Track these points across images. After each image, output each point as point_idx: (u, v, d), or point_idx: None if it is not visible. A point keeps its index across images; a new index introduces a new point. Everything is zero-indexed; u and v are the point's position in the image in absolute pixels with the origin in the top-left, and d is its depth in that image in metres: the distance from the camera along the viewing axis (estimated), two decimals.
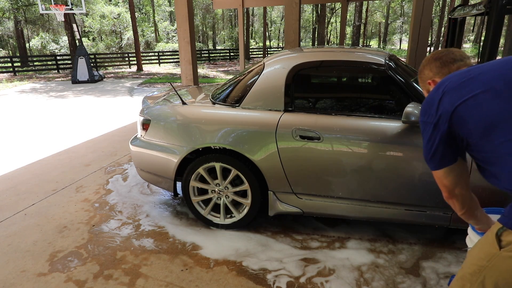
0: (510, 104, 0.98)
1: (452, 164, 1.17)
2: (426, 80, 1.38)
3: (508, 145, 0.98)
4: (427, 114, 1.16)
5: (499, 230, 0.99)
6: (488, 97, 1.01)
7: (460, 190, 1.20)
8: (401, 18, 38.44)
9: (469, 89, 1.06)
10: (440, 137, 1.14)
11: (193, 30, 5.02)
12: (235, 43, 34.35)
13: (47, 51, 27.55)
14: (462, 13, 4.82)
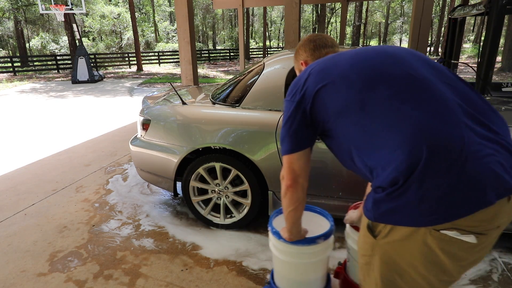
0: (357, 94, 1.01)
1: (306, 148, 1.17)
2: (300, 60, 1.41)
3: (354, 129, 1.02)
4: (292, 93, 1.15)
5: (368, 223, 1.03)
6: (343, 85, 1.04)
7: (303, 180, 1.20)
8: (401, 18, 38.45)
9: (330, 74, 1.08)
10: (300, 118, 1.12)
11: (193, 30, 5.01)
12: (235, 43, 34.36)
13: (47, 51, 27.55)
14: (462, 13, 4.82)
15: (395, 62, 1.03)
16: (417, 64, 1.04)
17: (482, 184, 0.87)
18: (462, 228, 0.89)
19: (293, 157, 1.17)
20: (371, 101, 0.99)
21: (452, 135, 0.89)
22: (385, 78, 1.00)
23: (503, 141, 0.95)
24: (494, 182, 0.88)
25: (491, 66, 4.00)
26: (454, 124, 0.91)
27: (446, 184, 0.87)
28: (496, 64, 6.46)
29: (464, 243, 0.91)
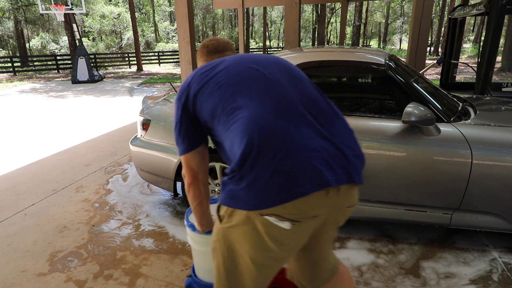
0: (225, 95, 1.10)
1: (199, 147, 1.23)
2: (199, 64, 1.48)
3: (222, 128, 1.10)
4: (179, 95, 1.22)
5: (218, 207, 1.12)
6: (214, 87, 1.13)
7: (202, 176, 1.27)
8: (401, 18, 38.44)
9: (207, 77, 1.17)
10: (187, 119, 1.20)
11: (193, 30, 5.01)
12: (235, 43, 34.35)
13: (47, 51, 27.55)
14: (462, 13, 4.81)
15: (257, 68, 1.15)
16: (276, 69, 1.16)
17: (300, 176, 0.96)
18: (280, 215, 0.98)
19: (188, 156, 1.24)
20: (233, 101, 1.09)
21: (279, 129, 0.99)
22: (245, 81, 1.11)
23: (336, 140, 1.05)
24: (312, 175, 0.97)
25: (491, 66, 4.00)
26: (285, 120, 1.02)
27: (268, 173, 0.96)
28: (496, 64, 6.46)
29: (281, 229, 1.00)
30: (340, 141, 1.06)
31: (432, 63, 4.57)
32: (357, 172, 1.06)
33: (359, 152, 1.10)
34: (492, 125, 2.13)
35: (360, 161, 1.09)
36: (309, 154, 0.98)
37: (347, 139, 1.09)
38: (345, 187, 1.03)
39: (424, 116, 1.98)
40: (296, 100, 1.09)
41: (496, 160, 2.00)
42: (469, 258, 2.23)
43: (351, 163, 1.04)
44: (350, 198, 1.08)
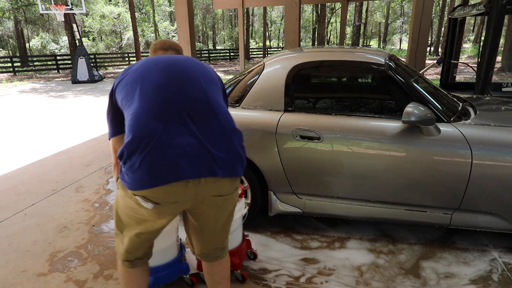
0: (127, 91, 1.30)
1: (123, 133, 1.45)
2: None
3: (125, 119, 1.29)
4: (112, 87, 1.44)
5: (117, 179, 1.41)
6: (125, 83, 1.33)
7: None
8: (401, 18, 38.44)
9: (124, 75, 1.37)
10: (112, 108, 1.42)
11: (193, 30, 5.01)
12: (235, 43, 34.35)
13: (47, 51, 27.54)
14: (462, 13, 4.82)
15: (160, 70, 1.31)
16: (177, 73, 1.32)
17: (162, 168, 1.16)
18: (146, 197, 1.21)
19: (114, 141, 1.47)
20: (131, 97, 1.29)
21: (151, 128, 1.18)
22: (142, 82, 1.28)
23: (205, 138, 1.21)
24: (172, 168, 1.16)
25: (491, 66, 4.00)
26: (157, 120, 1.19)
27: (138, 163, 1.17)
28: (496, 64, 6.46)
29: (146, 208, 1.24)
30: (210, 139, 1.22)
31: (432, 63, 4.57)
32: (223, 167, 1.22)
33: (232, 149, 1.25)
34: (492, 125, 2.13)
35: (229, 158, 1.24)
36: (173, 150, 1.17)
37: (220, 138, 1.24)
38: (207, 180, 1.22)
39: (424, 116, 1.98)
40: (177, 102, 1.24)
41: (496, 160, 2.00)
42: (469, 258, 2.23)
43: (216, 158, 1.21)
44: (215, 189, 1.25)
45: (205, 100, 1.29)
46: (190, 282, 1.99)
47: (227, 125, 1.28)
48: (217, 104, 1.31)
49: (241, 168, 1.29)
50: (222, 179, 1.24)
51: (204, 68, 1.42)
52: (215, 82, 1.41)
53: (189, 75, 1.33)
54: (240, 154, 1.28)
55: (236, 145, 1.27)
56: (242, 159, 1.29)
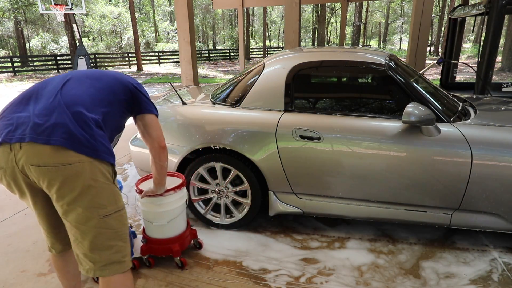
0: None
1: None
2: None
3: None
4: None
5: None
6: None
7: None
8: (401, 18, 38.44)
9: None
10: None
11: (193, 30, 5.02)
12: (235, 43, 34.36)
13: (47, 51, 27.55)
14: (462, 13, 4.82)
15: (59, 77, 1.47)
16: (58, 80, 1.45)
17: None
18: None
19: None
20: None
21: (5, 107, 1.38)
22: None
23: (33, 112, 1.30)
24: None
25: (491, 66, 4.00)
26: (11, 104, 1.37)
27: None
28: (496, 64, 6.46)
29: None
30: (38, 112, 1.29)
31: (432, 63, 4.57)
32: (40, 133, 1.25)
33: (58, 120, 1.27)
34: (492, 125, 2.13)
35: (51, 126, 1.26)
36: (3, 122, 1.31)
37: (49, 110, 1.30)
38: (27, 146, 1.25)
39: (424, 116, 1.98)
40: (36, 89, 1.39)
41: (496, 160, 2.00)
42: (469, 258, 2.23)
43: (35, 126, 1.26)
44: (33, 156, 1.26)
45: (54, 87, 1.39)
46: (133, 265, 2.12)
47: (66, 102, 1.32)
48: (68, 88, 1.40)
49: (68, 140, 1.26)
50: (40, 145, 1.24)
51: (97, 73, 1.56)
52: (98, 79, 1.51)
53: (73, 75, 1.49)
54: (67, 125, 1.27)
55: (66, 118, 1.28)
56: (69, 131, 1.26)
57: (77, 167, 1.27)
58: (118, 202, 1.40)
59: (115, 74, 1.59)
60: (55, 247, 1.55)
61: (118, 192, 1.42)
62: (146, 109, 1.61)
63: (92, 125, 1.32)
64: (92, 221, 1.31)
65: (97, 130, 1.34)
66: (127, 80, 1.59)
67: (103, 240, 1.34)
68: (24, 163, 1.27)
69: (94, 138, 1.31)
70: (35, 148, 1.25)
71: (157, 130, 1.64)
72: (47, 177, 1.26)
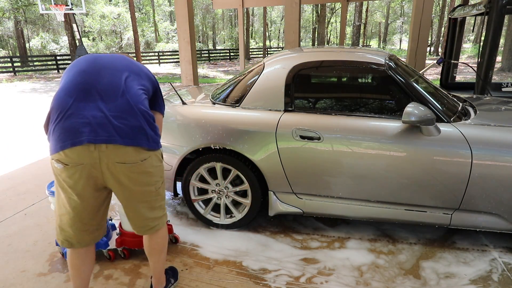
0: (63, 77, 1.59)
1: None
2: None
3: None
4: None
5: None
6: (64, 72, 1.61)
7: None
8: (401, 18, 38.44)
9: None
10: None
11: (193, 30, 5.02)
12: (235, 43, 34.36)
13: (47, 51, 27.54)
14: (462, 13, 4.82)
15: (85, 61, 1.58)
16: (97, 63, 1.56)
17: (69, 134, 1.40)
18: (58, 159, 1.45)
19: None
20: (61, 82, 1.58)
21: (64, 101, 1.44)
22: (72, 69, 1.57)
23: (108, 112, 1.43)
24: (76, 134, 1.40)
25: (491, 66, 4.00)
26: (70, 97, 1.45)
27: (52, 131, 1.43)
28: (496, 64, 6.46)
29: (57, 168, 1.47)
30: (114, 113, 1.44)
31: (432, 63, 4.57)
32: (124, 136, 1.43)
33: (135, 123, 1.47)
34: (492, 125, 2.13)
35: (131, 129, 1.45)
36: (78, 120, 1.41)
37: (124, 112, 1.46)
38: (108, 146, 1.42)
39: (424, 116, 1.98)
40: (92, 83, 1.48)
41: (496, 160, 2.00)
42: (469, 258, 2.23)
43: (117, 128, 1.43)
44: (117, 155, 1.45)
45: (118, 83, 1.52)
46: (108, 256, 2.24)
47: (134, 103, 1.49)
48: (128, 87, 1.53)
49: (145, 140, 1.50)
50: (125, 147, 1.45)
51: (131, 63, 1.66)
52: (138, 74, 1.64)
53: (110, 64, 1.58)
54: (143, 127, 1.49)
55: (140, 120, 1.49)
56: (145, 133, 1.50)
57: (150, 160, 1.56)
58: (163, 175, 1.72)
59: (144, 68, 1.73)
60: (83, 240, 1.64)
61: (163, 168, 1.73)
62: (159, 108, 1.80)
63: (152, 120, 1.56)
64: (152, 193, 1.63)
65: (155, 124, 1.57)
66: (152, 75, 1.77)
67: (159, 203, 1.69)
68: (108, 161, 1.46)
69: (156, 133, 1.57)
70: (120, 149, 1.45)
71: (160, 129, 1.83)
72: (129, 170, 1.50)
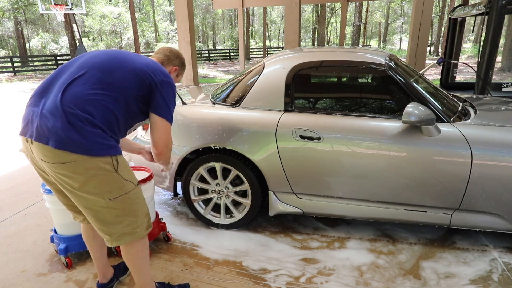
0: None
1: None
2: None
3: None
4: None
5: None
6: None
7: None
8: (401, 18, 38.44)
9: None
10: None
11: (193, 30, 5.02)
12: (235, 43, 34.36)
13: (47, 51, 27.55)
14: (462, 13, 4.82)
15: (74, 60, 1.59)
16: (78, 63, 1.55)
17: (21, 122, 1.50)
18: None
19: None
20: None
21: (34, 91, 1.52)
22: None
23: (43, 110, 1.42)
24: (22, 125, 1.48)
25: (491, 66, 4.00)
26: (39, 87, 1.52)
27: None
28: (496, 64, 6.46)
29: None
30: (43, 114, 1.42)
31: (432, 63, 4.58)
32: (41, 134, 1.40)
33: (52, 123, 1.39)
34: (492, 125, 2.13)
35: (46, 129, 1.39)
36: (26, 111, 1.48)
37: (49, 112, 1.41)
38: (34, 143, 1.42)
39: (424, 116, 1.98)
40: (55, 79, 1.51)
41: (496, 160, 2.00)
42: (469, 258, 2.23)
43: (39, 127, 1.41)
44: (39, 152, 1.43)
45: (65, 81, 1.48)
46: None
47: (62, 103, 1.41)
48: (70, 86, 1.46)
49: (60, 143, 1.39)
50: (43, 145, 1.41)
51: (115, 59, 1.55)
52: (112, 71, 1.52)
53: (86, 61, 1.54)
54: (61, 128, 1.38)
55: (60, 121, 1.39)
56: (64, 134, 1.38)
57: (74, 165, 1.42)
58: (124, 187, 1.53)
59: (134, 66, 1.55)
60: (77, 217, 1.74)
61: (121, 178, 1.52)
62: (155, 110, 1.59)
63: (86, 125, 1.41)
64: (99, 203, 1.50)
65: (91, 129, 1.42)
66: (149, 75, 1.56)
67: (113, 217, 1.53)
68: (37, 156, 1.46)
69: (86, 138, 1.41)
70: (40, 146, 1.42)
71: (157, 133, 1.61)
72: (53, 170, 1.44)
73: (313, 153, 2.24)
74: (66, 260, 2.16)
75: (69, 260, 2.17)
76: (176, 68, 1.88)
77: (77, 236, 2.17)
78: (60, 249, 2.14)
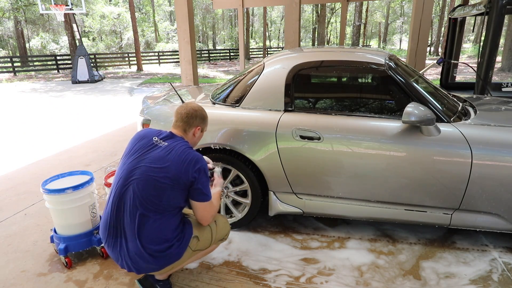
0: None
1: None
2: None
3: None
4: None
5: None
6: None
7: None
8: (401, 18, 38.43)
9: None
10: None
11: (193, 30, 5.02)
12: (235, 43, 34.35)
13: (47, 51, 27.54)
14: (462, 13, 4.82)
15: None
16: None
17: None
18: None
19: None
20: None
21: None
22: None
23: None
24: None
25: (491, 66, 4.00)
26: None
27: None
28: (496, 64, 6.46)
29: None
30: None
31: (432, 63, 4.57)
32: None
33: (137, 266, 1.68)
34: (492, 125, 2.13)
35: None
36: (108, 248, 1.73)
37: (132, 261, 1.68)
38: None
39: (424, 116, 1.98)
40: (121, 225, 1.69)
41: (496, 160, 2.00)
42: (469, 258, 2.23)
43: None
44: None
45: (133, 226, 1.65)
46: (101, 253, 2.28)
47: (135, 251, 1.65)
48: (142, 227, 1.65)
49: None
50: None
51: (160, 187, 1.65)
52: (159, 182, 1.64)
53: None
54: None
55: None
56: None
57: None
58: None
59: (174, 184, 1.64)
60: None
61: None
62: (193, 198, 1.71)
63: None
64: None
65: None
66: (188, 177, 1.65)
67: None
68: None
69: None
70: None
71: (201, 212, 1.76)
72: None
73: (313, 153, 2.24)
74: (66, 260, 2.16)
75: (69, 260, 2.17)
76: (199, 127, 1.86)
77: (77, 236, 2.17)
78: (60, 249, 2.14)
